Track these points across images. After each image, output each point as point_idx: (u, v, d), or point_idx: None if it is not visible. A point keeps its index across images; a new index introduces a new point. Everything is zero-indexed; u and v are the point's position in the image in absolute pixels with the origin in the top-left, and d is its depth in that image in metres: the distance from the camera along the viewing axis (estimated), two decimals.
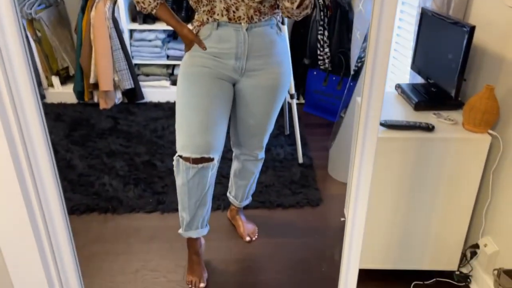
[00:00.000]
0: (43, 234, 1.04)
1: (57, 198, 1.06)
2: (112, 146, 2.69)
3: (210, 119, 1.48)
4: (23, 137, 0.99)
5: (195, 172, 1.50)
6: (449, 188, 1.58)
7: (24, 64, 0.94)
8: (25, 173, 1.00)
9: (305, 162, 2.58)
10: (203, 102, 1.48)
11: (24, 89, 0.97)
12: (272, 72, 1.55)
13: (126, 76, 3.17)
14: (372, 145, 1.09)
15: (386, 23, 0.95)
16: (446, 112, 1.66)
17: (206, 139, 1.48)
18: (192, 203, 1.58)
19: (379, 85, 0.99)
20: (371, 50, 0.95)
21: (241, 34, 1.46)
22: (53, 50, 3.24)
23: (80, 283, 1.13)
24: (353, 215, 1.16)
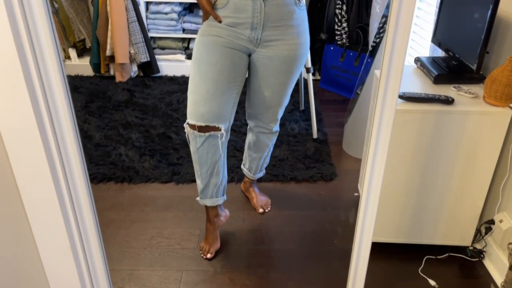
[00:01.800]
0: (67, 200, 1.06)
1: (80, 165, 1.08)
2: (128, 118, 2.72)
3: (217, 88, 1.49)
4: (49, 106, 1.00)
5: (203, 140, 1.53)
6: (466, 162, 1.56)
7: (49, 34, 0.95)
8: (50, 140, 1.02)
9: (319, 137, 2.57)
10: (212, 71, 1.49)
11: (49, 58, 0.97)
12: (290, 43, 1.53)
13: (142, 49, 3.18)
14: (390, 117, 1.07)
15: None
16: (467, 86, 1.62)
17: (211, 107, 1.49)
18: (203, 171, 1.61)
19: (399, 56, 0.96)
20: (392, 21, 0.93)
21: (257, 3, 1.43)
22: (70, 22, 3.25)
23: (101, 245, 1.16)
24: (368, 187, 1.15)
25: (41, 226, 1.02)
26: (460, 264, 1.72)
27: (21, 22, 0.91)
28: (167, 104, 2.92)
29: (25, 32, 0.93)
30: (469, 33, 1.60)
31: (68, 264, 1.06)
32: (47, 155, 1.01)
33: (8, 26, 0.89)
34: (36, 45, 0.94)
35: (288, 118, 2.78)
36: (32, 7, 0.93)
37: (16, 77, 0.92)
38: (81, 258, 1.07)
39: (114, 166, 2.26)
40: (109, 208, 1.99)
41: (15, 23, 0.91)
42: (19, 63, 0.94)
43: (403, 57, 0.89)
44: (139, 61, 3.22)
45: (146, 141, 2.48)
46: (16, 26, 0.91)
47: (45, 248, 1.04)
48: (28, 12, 0.91)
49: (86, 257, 1.10)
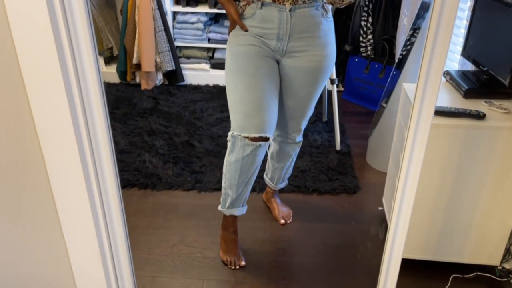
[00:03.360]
0: (98, 205, 1.08)
1: (112, 170, 1.10)
2: (152, 125, 2.75)
3: (264, 97, 1.47)
4: (85, 112, 1.02)
5: (252, 149, 1.49)
6: (496, 179, 1.52)
7: (89, 42, 0.97)
8: (85, 145, 1.04)
9: (342, 149, 2.55)
10: (254, 80, 1.48)
11: (88, 63, 1.00)
12: (316, 54, 1.53)
13: (167, 58, 3.23)
14: (425, 134, 1.04)
15: (450, 4, 0.90)
16: (499, 101, 1.58)
17: (263, 118, 1.47)
18: (241, 181, 1.58)
19: (437, 71, 0.94)
20: (431, 34, 0.91)
21: (284, 14, 1.44)
22: (99, 31, 3.33)
23: (128, 250, 1.17)
24: (399, 204, 1.13)
25: (72, 230, 1.04)
26: (488, 283, 1.66)
27: (63, 29, 0.94)
28: (191, 113, 2.95)
29: (67, 40, 0.96)
30: (502, 48, 1.57)
31: (96, 268, 1.07)
32: (82, 159, 1.03)
33: (51, 32, 0.91)
34: (76, 52, 0.97)
35: (311, 129, 2.76)
36: (74, 15, 0.95)
37: (55, 81, 0.94)
38: (109, 263, 1.08)
39: (138, 172, 2.29)
40: (133, 214, 2.01)
41: (57, 30, 0.93)
42: (60, 69, 0.96)
43: (441, 73, 0.88)
44: (165, 70, 3.27)
45: (170, 148, 2.51)
46: (58, 33, 0.94)
47: (75, 252, 1.06)
48: (70, 20, 0.94)
49: (114, 262, 1.12)
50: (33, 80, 0.93)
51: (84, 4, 0.95)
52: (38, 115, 0.95)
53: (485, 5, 1.69)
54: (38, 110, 0.95)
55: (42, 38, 0.90)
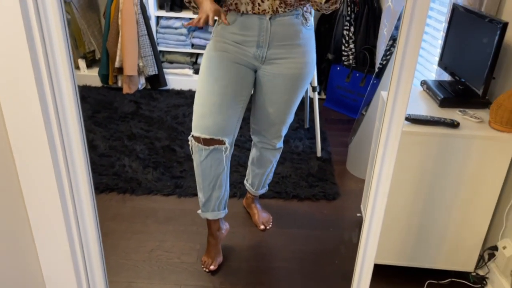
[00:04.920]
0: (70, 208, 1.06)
1: (86, 174, 1.09)
2: (133, 130, 2.73)
3: (223, 102, 1.50)
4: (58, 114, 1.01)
5: (207, 153, 1.54)
6: (470, 187, 1.55)
7: (64, 45, 0.97)
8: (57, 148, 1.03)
9: (323, 156, 2.57)
10: (218, 85, 1.50)
11: (62, 68, 0.99)
12: (296, 61, 1.55)
13: (150, 62, 3.21)
14: (396, 140, 1.07)
15: (419, 18, 0.93)
16: (473, 110, 1.63)
17: (216, 120, 1.50)
18: (206, 184, 1.61)
19: (407, 78, 0.97)
20: (401, 44, 0.94)
21: (264, 22, 1.46)
22: (81, 33, 3.30)
23: (101, 255, 1.16)
24: (371, 209, 1.15)
25: (43, 233, 1.02)
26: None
27: (36, 31, 0.93)
28: (173, 117, 2.94)
29: (40, 42, 0.95)
30: (476, 59, 1.61)
31: (68, 272, 1.05)
32: (54, 162, 1.02)
33: (24, 33, 0.90)
34: (50, 55, 0.96)
35: (292, 135, 2.78)
36: (48, 18, 0.95)
37: (27, 82, 0.93)
38: (81, 267, 1.06)
39: (117, 177, 2.26)
40: (110, 219, 1.98)
41: (30, 32, 0.93)
42: (32, 69, 0.95)
43: (411, 80, 0.90)
44: (147, 74, 3.25)
45: (150, 153, 2.49)
46: (31, 34, 0.93)
47: (45, 255, 1.04)
48: (44, 23, 0.93)
49: (86, 267, 1.10)
50: (5, 84, 0.91)
51: (59, 10, 0.94)
52: (9, 117, 0.94)
53: (460, 17, 1.74)
54: (9, 111, 0.94)
55: (15, 41, 0.89)
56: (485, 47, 1.55)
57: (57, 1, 0.95)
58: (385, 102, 1.01)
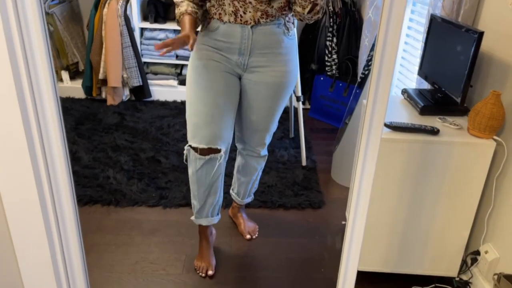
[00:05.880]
0: (52, 221, 1.05)
1: (68, 186, 1.08)
2: (117, 141, 2.71)
3: (216, 111, 1.53)
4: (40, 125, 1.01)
5: (202, 163, 1.56)
6: (451, 192, 1.58)
7: (45, 56, 0.97)
8: (39, 160, 1.02)
9: (308, 165, 2.59)
10: (209, 94, 1.52)
11: (44, 80, 0.99)
12: (278, 70, 1.57)
13: (134, 74, 3.21)
14: (376, 145, 1.10)
15: (394, 28, 0.96)
16: (452, 118, 1.67)
17: (213, 130, 1.53)
18: (201, 192, 1.63)
19: (385, 85, 1.00)
20: (378, 53, 0.97)
21: (246, 30, 1.48)
22: (64, 45, 3.28)
23: (84, 268, 1.14)
24: (354, 215, 1.16)
25: (24, 245, 1.00)
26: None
27: (18, 44, 0.93)
28: (158, 128, 2.93)
29: (22, 54, 0.95)
30: (454, 68, 1.66)
31: (49, 286, 1.03)
32: (35, 174, 1.01)
33: (5, 46, 0.90)
34: (31, 67, 0.96)
35: (277, 145, 2.80)
36: (29, 30, 0.95)
37: (8, 94, 0.92)
38: (63, 282, 1.04)
39: (102, 188, 2.24)
40: (94, 231, 1.96)
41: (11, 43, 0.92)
42: (13, 83, 0.95)
43: (389, 88, 0.92)
44: (131, 85, 3.24)
45: (135, 164, 2.47)
46: (12, 46, 0.93)
47: (26, 268, 1.02)
48: (26, 35, 0.93)
49: (69, 281, 1.08)
50: None
51: (41, 22, 0.94)
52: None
53: (438, 27, 1.79)
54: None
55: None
56: (462, 56, 1.60)
57: (39, 13, 0.95)
58: (365, 110, 1.04)
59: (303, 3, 1.40)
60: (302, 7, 1.41)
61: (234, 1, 1.43)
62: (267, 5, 1.44)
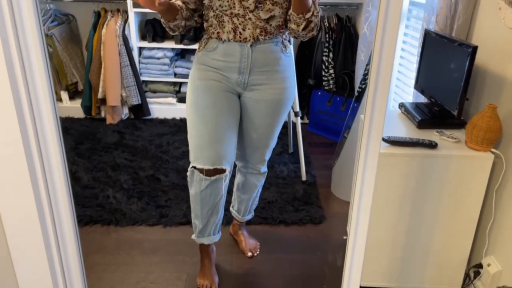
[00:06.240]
0: (52, 242, 1.05)
1: (68, 207, 1.08)
2: (117, 160, 2.72)
3: (219, 131, 1.53)
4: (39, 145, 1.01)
5: (208, 183, 1.55)
6: (452, 206, 1.58)
7: (45, 78, 0.98)
8: (39, 181, 1.03)
9: (308, 180, 2.59)
10: (210, 114, 1.52)
11: (44, 101, 1.00)
12: (276, 87, 1.59)
13: (133, 92, 3.23)
14: (374, 159, 1.10)
15: (389, 43, 0.98)
16: (449, 131, 1.68)
17: (217, 150, 1.52)
18: (204, 212, 1.62)
19: (382, 99, 1.02)
20: (374, 68, 0.98)
21: (245, 49, 1.50)
22: (63, 66, 3.31)
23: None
24: (355, 229, 1.16)
25: (25, 267, 1.00)
26: None
27: (18, 66, 0.94)
28: (157, 146, 2.94)
29: (22, 76, 0.96)
30: (449, 81, 1.68)
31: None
32: (35, 195, 1.01)
33: (5, 67, 0.91)
34: (31, 88, 0.97)
35: (277, 160, 2.80)
36: (29, 53, 0.96)
37: (8, 115, 0.93)
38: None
39: (101, 208, 2.23)
40: (95, 251, 1.94)
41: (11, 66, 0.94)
42: (14, 104, 0.96)
43: (385, 102, 0.94)
44: (131, 104, 3.26)
45: (135, 183, 2.47)
46: (12, 69, 0.94)
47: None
48: (26, 57, 0.95)
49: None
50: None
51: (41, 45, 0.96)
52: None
53: (432, 42, 1.82)
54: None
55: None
56: (457, 70, 1.62)
57: (38, 36, 0.97)
58: (362, 124, 1.05)
59: (298, 20, 1.42)
60: (297, 24, 1.43)
61: (233, 18, 1.45)
62: (266, 23, 1.47)
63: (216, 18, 1.48)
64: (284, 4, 1.46)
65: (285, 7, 1.47)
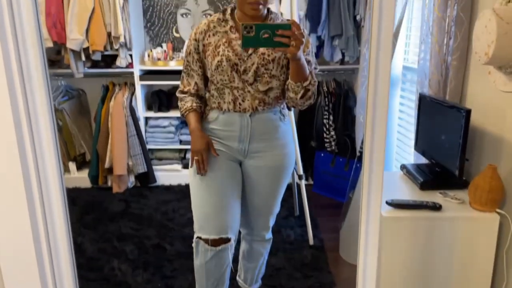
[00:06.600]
0: None
1: (72, 283, 1.08)
2: (123, 230, 2.71)
3: (223, 200, 1.55)
4: (46, 220, 1.04)
5: (213, 254, 1.54)
6: (462, 269, 1.55)
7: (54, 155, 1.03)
8: (44, 256, 1.03)
9: (316, 243, 2.55)
10: (214, 183, 1.55)
11: (51, 177, 1.05)
12: (276, 153, 1.63)
13: (140, 161, 3.29)
14: (375, 223, 1.11)
15: (381, 104, 1.03)
16: (452, 191, 1.68)
17: (222, 219, 1.53)
18: (209, 284, 1.59)
19: (378, 162, 1.04)
20: (368, 130, 1.02)
21: (244, 119, 1.56)
22: (72, 138, 3.41)
23: None
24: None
25: None
26: None
27: (28, 142, 0.99)
28: (163, 214, 2.94)
29: (32, 154, 1.00)
30: (448, 143, 1.71)
31: None
32: (40, 270, 1.01)
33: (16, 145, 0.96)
34: (40, 165, 1.01)
35: (283, 224, 2.78)
36: (40, 130, 1.02)
37: (16, 190, 0.96)
38: None
39: (107, 281, 2.19)
40: None
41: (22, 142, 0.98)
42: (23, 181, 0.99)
43: (382, 163, 0.96)
44: (137, 172, 3.31)
45: (140, 252, 2.45)
46: (23, 145, 0.99)
47: None
48: (37, 140, 1.00)
49: None
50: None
51: (51, 124, 1.02)
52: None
53: (427, 105, 1.88)
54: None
55: (6, 155, 0.94)
56: (454, 132, 1.66)
57: (49, 117, 1.02)
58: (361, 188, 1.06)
59: (296, 89, 1.48)
60: (295, 92, 1.49)
61: (233, 90, 1.53)
62: (264, 94, 1.54)
63: (217, 90, 1.56)
64: (281, 76, 1.54)
65: (282, 79, 1.54)
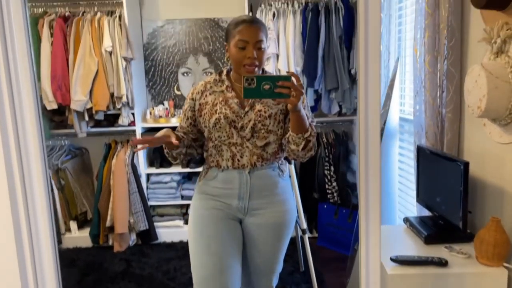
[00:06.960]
0: None
1: None
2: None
3: (224, 261, 1.51)
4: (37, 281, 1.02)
5: None
6: None
7: (47, 220, 1.03)
8: None
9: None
10: (213, 244, 1.53)
11: (45, 242, 1.04)
12: (276, 210, 1.61)
13: (141, 218, 3.26)
14: (376, 275, 1.08)
15: (373, 157, 1.04)
16: (458, 245, 1.65)
17: (222, 281, 1.49)
18: None
19: (374, 218, 1.03)
20: (362, 185, 1.02)
21: (243, 176, 1.56)
22: (74, 197, 3.41)
23: None
24: None
25: None
26: None
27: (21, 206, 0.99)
28: (164, 273, 2.86)
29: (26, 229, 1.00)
30: (449, 195, 1.70)
31: None
32: None
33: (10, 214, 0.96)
34: (33, 231, 1.01)
35: (288, 281, 2.70)
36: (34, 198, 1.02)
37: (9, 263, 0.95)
38: None
39: None
40: None
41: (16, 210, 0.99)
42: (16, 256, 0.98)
43: (378, 219, 0.95)
44: (138, 230, 3.27)
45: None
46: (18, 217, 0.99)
47: None
48: (32, 215, 1.00)
49: None
50: None
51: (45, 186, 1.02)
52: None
53: (426, 157, 1.89)
54: None
55: None
56: (454, 184, 1.65)
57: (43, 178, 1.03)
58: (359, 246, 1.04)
59: (297, 140, 1.49)
60: (296, 144, 1.49)
61: (231, 146, 1.55)
62: (262, 150, 1.55)
63: (215, 148, 1.58)
64: (279, 131, 1.56)
65: (280, 134, 1.57)
